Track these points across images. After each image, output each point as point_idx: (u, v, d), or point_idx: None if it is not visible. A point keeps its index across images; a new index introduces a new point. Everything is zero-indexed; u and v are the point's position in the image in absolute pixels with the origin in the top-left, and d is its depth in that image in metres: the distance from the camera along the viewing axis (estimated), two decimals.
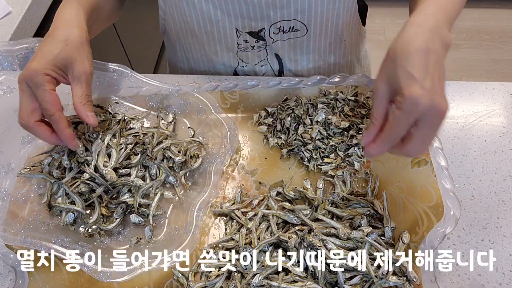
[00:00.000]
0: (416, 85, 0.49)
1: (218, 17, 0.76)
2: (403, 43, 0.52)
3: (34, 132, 0.59)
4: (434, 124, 0.50)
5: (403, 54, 0.51)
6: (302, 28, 0.78)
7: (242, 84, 0.77)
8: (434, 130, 0.51)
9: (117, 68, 0.76)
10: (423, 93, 0.48)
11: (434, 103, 0.49)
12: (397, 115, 0.50)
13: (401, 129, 0.51)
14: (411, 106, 0.49)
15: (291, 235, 0.58)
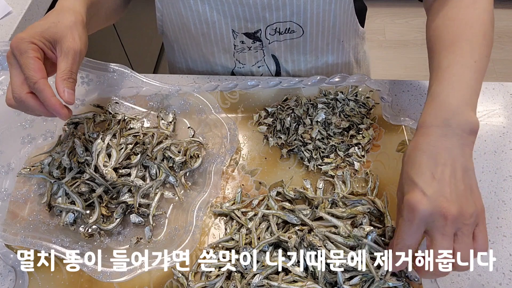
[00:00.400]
0: (415, 191, 0.47)
1: (214, 19, 0.77)
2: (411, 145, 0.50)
3: (27, 105, 0.56)
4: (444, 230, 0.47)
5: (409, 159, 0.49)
6: (298, 29, 0.78)
7: (242, 84, 0.77)
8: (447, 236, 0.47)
9: (117, 68, 0.76)
10: (422, 199, 0.46)
11: (436, 208, 0.46)
12: (399, 223, 0.49)
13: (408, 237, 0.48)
14: (411, 213, 0.47)
15: (291, 235, 0.58)
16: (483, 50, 0.56)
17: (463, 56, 0.54)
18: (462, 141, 0.50)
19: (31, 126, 0.72)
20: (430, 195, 0.46)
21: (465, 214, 0.47)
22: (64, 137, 0.70)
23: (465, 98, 0.51)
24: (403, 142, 0.70)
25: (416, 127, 0.53)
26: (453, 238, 0.47)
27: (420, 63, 2.23)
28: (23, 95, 0.56)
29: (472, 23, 0.58)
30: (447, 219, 0.46)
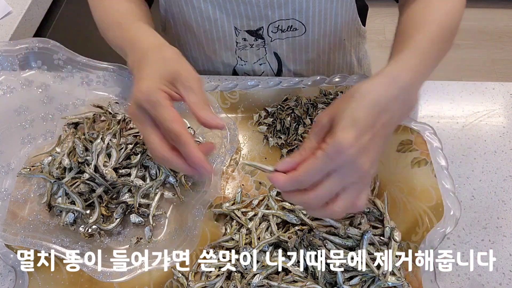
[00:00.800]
0: (351, 133, 0.44)
1: (216, 16, 0.77)
2: (368, 89, 0.47)
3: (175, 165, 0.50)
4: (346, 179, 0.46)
5: (360, 101, 0.46)
6: (301, 27, 0.78)
7: (242, 84, 0.77)
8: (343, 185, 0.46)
9: (117, 68, 0.76)
10: (353, 144, 0.44)
11: (359, 158, 0.44)
12: (318, 156, 0.44)
13: (315, 173, 0.45)
14: (336, 152, 0.44)
15: (291, 235, 0.58)
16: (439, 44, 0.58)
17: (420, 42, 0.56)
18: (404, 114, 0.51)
19: (31, 126, 0.72)
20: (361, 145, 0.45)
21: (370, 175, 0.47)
22: (64, 137, 0.70)
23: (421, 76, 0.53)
24: (403, 142, 0.70)
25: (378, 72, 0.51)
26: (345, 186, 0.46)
27: None
28: (168, 154, 0.50)
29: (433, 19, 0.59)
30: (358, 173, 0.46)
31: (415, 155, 0.68)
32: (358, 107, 0.46)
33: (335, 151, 0.44)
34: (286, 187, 0.47)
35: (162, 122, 0.48)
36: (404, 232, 0.61)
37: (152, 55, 0.55)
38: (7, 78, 0.74)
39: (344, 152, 0.44)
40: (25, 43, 0.74)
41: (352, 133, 0.44)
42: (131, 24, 0.64)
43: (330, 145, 0.44)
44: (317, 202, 0.47)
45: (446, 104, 0.77)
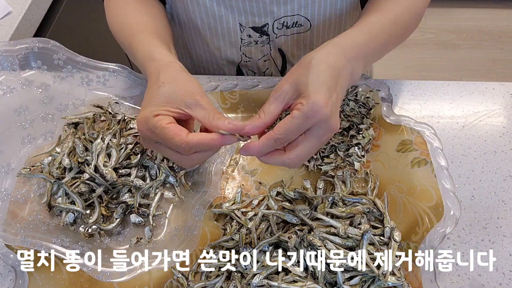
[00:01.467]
0: (323, 94, 0.48)
1: (221, 13, 0.77)
2: (322, 57, 0.52)
3: (203, 158, 0.53)
4: (322, 138, 0.50)
5: (319, 66, 0.50)
6: (306, 23, 0.78)
7: (242, 84, 0.77)
8: (320, 144, 0.51)
9: (117, 68, 0.76)
10: (327, 104, 0.48)
11: (332, 117, 0.49)
12: (296, 116, 0.48)
13: (293, 132, 0.49)
14: (313, 111, 0.47)
15: (291, 235, 0.58)
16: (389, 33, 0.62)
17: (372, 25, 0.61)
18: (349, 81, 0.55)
19: (31, 126, 0.72)
20: (332, 105, 0.49)
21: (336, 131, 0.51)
22: (64, 137, 0.70)
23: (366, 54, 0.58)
24: (403, 142, 0.70)
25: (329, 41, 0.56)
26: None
27: (420, 63, 2.23)
28: (191, 159, 0.52)
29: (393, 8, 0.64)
30: (331, 131, 0.50)
31: (415, 155, 0.68)
32: (320, 72, 0.50)
33: (312, 110, 0.47)
34: (263, 150, 0.50)
35: (166, 142, 0.50)
36: (404, 232, 0.61)
37: (151, 79, 0.56)
38: (7, 78, 0.74)
39: (320, 111, 0.48)
40: (25, 43, 0.74)
41: (324, 95, 0.48)
42: (140, 43, 0.63)
43: (307, 105, 0.47)
44: (298, 162, 0.50)
45: (446, 104, 0.77)
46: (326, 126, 0.49)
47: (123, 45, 0.70)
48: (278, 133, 0.48)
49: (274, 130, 0.49)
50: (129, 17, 0.70)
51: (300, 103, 0.48)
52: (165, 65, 0.57)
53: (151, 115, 0.51)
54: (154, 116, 0.51)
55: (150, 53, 0.60)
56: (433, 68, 2.20)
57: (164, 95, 0.53)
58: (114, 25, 0.71)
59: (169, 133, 0.50)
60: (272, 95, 0.51)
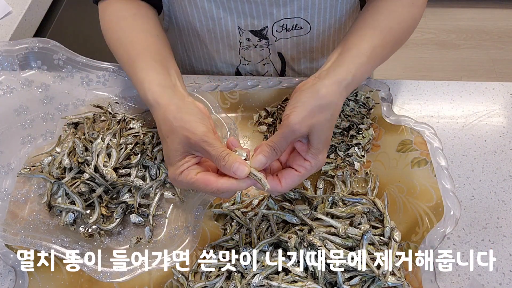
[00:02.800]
0: (326, 151, 0.57)
1: (220, 15, 0.76)
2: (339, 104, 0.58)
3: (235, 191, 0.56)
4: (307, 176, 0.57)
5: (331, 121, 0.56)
6: (306, 25, 0.78)
7: (242, 84, 0.77)
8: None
9: (117, 68, 0.76)
10: (324, 161, 0.57)
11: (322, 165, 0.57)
12: (303, 175, 0.55)
13: (296, 184, 0.56)
14: (316, 168, 0.56)
15: (291, 235, 0.58)
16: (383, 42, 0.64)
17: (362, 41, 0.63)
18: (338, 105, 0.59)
19: (31, 126, 0.72)
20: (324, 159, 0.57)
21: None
22: (64, 137, 0.70)
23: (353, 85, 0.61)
24: (403, 142, 0.70)
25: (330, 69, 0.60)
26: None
27: (420, 63, 2.23)
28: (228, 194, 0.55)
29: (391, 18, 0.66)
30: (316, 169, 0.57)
31: (415, 155, 0.68)
32: (329, 128, 0.57)
33: (317, 168, 0.56)
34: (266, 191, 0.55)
35: (201, 191, 0.55)
36: (404, 232, 0.61)
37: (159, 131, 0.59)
38: (7, 78, 0.74)
39: (320, 166, 0.57)
40: (25, 43, 0.74)
41: (326, 151, 0.57)
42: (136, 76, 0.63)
43: (314, 166, 0.56)
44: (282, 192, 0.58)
45: (446, 104, 0.77)
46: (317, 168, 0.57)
47: (121, 65, 0.69)
48: (285, 188, 0.55)
49: (282, 186, 0.55)
50: (126, 35, 0.68)
51: (309, 163, 0.55)
52: (163, 113, 0.58)
53: (177, 174, 0.55)
54: (180, 174, 0.54)
55: (145, 93, 0.61)
56: (433, 68, 2.20)
57: (175, 151, 0.55)
58: (111, 42, 0.70)
59: (200, 185, 0.53)
60: (288, 134, 0.54)
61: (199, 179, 0.53)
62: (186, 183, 0.54)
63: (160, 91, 0.60)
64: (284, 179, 0.55)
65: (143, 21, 0.70)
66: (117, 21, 0.70)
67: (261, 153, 0.53)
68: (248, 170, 0.51)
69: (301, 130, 0.54)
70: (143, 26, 0.69)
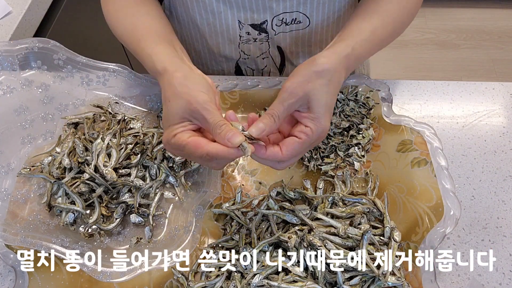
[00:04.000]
0: (329, 119, 0.55)
1: (220, 9, 0.77)
2: (336, 75, 0.56)
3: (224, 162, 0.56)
4: (310, 148, 0.58)
5: (330, 86, 0.55)
6: (305, 20, 0.78)
7: (242, 84, 0.77)
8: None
9: (117, 68, 0.76)
10: (328, 127, 0.56)
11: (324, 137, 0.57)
12: (304, 141, 0.54)
13: (299, 153, 0.55)
14: (321, 136, 0.55)
15: (291, 235, 0.58)
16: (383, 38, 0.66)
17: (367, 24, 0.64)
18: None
19: (31, 126, 0.72)
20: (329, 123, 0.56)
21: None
22: (64, 137, 0.70)
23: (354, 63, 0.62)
24: (403, 142, 0.70)
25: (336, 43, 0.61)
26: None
27: (420, 63, 2.23)
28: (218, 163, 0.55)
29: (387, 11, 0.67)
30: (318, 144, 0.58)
31: (415, 155, 0.68)
32: (329, 92, 0.55)
33: (320, 136, 0.55)
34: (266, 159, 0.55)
35: (191, 155, 0.54)
36: (404, 232, 0.61)
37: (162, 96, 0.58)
38: (7, 78, 0.74)
39: (323, 135, 0.55)
40: (25, 43, 0.74)
41: (329, 119, 0.55)
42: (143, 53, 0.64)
43: (316, 132, 0.54)
44: (285, 167, 0.57)
45: (446, 104, 0.77)
46: (320, 141, 0.57)
47: (129, 49, 0.70)
48: (285, 156, 0.54)
49: (282, 153, 0.53)
50: (130, 20, 0.69)
51: (309, 129, 0.54)
52: (168, 80, 0.58)
53: (171, 137, 0.54)
54: (173, 137, 0.54)
55: (153, 64, 0.61)
56: (433, 68, 2.20)
57: (174, 114, 0.55)
58: (116, 29, 0.71)
59: (190, 148, 0.53)
60: (286, 99, 0.54)
61: (190, 142, 0.53)
62: (177, 147, 0.54)
63: (168, 59, 0.61)
64: (284, 146, 0.54)
65: (145, 8, 0.71)
66: (121, 8, 0.71)
67: (260, 120, 0.53)
68: (242, 139, 0.51)
69: (297, 94, 0.54)
70: (146, 10, 0.70)
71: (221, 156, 0.52)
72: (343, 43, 0.60)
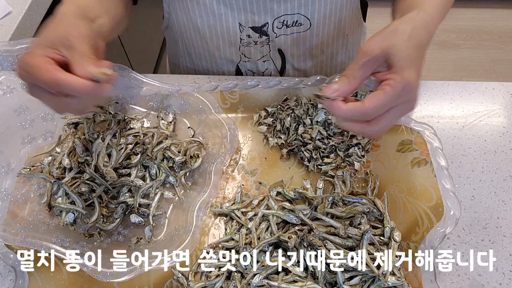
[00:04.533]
0: (416, 74, 0.49)
1: (221, 11, 0.77)
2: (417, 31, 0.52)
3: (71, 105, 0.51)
4: (403, 114, 0.51)
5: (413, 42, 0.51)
6: (306, 22, 0.78)
7: (242, 84, 0.77)
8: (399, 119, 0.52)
9: (117, 68, 0.76)
10: (417, 83, 0.49)
11: (418, 95, 0.50)
12: (389, 93, 0.48)
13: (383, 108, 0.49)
14: (405, 90, 0.48)
15: (291, 235, 0.58)
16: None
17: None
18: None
19: (31, 126, 0.72)
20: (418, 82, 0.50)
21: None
22: (64, 137, 0.70)
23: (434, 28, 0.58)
24: (403, 142, 0.70)
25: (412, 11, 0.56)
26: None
27: None
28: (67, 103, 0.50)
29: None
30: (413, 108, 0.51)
31: (415, 155, 0.68)
32: (410, 47, 0.50)
33: (405, 89, 0.48)
34: (347, 116, 0.50)
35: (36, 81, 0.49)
36: (404, 232, 0.61)
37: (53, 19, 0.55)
38: (7, 78, 0.74)
39: (412, 92, 0.49)
40: (25, 43, 0.74)
41: (415, 74, 0.49)
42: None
43: (400, 83, 0.48)
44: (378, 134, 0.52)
45: (446, 104, 0.77)
46: (411, 104, 0.50)
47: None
48: (369, 108, 0.48)
49: (365, 104, 0.48)
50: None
51: (392, 80, 0.48)
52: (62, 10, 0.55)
53: (27, 54, 0.50)
54: (29, 54, 0.50)
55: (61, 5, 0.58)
56: (433, 68, 2.20)
57: (44, 37, 0.51)
58: None
59: (40, 69, 0.48)
60: (361, 58, 0.50)
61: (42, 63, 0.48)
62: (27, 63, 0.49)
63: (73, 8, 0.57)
64: (367, 98, 0.49)
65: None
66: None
67: (334, 82, 0.50)
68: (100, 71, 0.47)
69: (373, 51, 0.50)
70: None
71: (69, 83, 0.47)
72: (412, 11, 0.56)
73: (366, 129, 0.51)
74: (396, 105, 0.49)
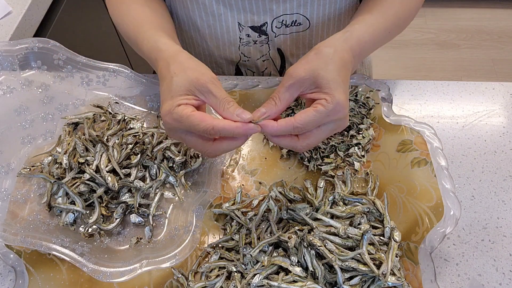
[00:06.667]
0: (344, 94, 0.53)
1: (220, 11, 0.77)
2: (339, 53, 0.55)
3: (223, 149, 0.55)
4: (333, 132, 0.55)
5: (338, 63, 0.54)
6: (305, 22, 0.78)
7: (242, 84, 0.77)
8: (328, 136, 0.55)
9: (117, 68, 0.76)
10: (347, 103, 0.53)
11: (347, 116, 0.54)
12: (320, 111, 0.51)
13: (313, 124, 0.52)
14: (336, 110, 0.52)
15: (291, 235, 0.58)
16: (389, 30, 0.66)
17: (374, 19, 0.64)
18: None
19: (31, 126, 0.72)
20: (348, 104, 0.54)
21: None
22: (64, 137, 0.70)
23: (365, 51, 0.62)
24: (403, 142, 0.70)
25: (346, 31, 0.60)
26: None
27: (420, 63, 2.23)
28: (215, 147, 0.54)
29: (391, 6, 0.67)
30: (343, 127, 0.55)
31: (415, 155, 0.68)
32: (339, 69, 0.54)
33: (335, 110, 0.52)
34: (279, 132, 0.53)
35: (193, 128, 0.52)
36: (404, 232, 0.61)
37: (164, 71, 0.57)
38: (7, 78, 0.74)
39: (341, 111, 0.52)
40: (25, 43, 0.74)
41: (345, 95, 0.53)
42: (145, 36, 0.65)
43: (331, 104, 0.51)
44: (307, 149, 0.55)
45: (446, 104, 0.77)
46: (341, 123, 0.54)
47: (129, 39, 0.71)
48: (299, 123, 0.52)
49: (296, 119, 0.52)
50: (133, 12, 0.70)
51: (324, 100, 0.52)
52: (173, 56, 0.59)
53: (174, 106, 0.53)
54: (177, 106, 0.53)
55: (155, 43, 0.62)
56: (433, 68, 2.20)
57: (179, 86, 0.54)
58: (118, 20, 0.72)
59: (195, 120, 0.52)
60: (287, 81, 0.54)
61: (196, 114, 0.52)
62: (179, 117, 0.52)
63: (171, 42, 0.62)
64: (297, 115, 0.52)
65: (149, 2, 0.73)
66: (120, 5, 0.72)
67: (262, 106, 0.54)
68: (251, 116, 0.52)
69: (298, 74, 0.53)
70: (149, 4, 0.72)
71: (228, 130, 0.51)
72: (339, 32, 0.60)
73: (296, 144, 0.54)
74: (326, 123, 0.53)
